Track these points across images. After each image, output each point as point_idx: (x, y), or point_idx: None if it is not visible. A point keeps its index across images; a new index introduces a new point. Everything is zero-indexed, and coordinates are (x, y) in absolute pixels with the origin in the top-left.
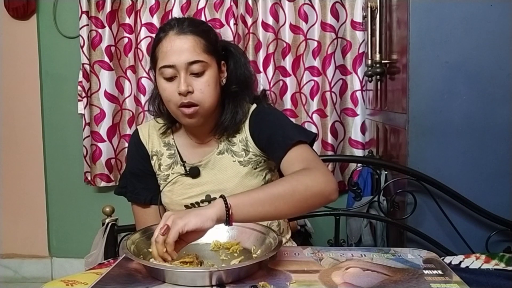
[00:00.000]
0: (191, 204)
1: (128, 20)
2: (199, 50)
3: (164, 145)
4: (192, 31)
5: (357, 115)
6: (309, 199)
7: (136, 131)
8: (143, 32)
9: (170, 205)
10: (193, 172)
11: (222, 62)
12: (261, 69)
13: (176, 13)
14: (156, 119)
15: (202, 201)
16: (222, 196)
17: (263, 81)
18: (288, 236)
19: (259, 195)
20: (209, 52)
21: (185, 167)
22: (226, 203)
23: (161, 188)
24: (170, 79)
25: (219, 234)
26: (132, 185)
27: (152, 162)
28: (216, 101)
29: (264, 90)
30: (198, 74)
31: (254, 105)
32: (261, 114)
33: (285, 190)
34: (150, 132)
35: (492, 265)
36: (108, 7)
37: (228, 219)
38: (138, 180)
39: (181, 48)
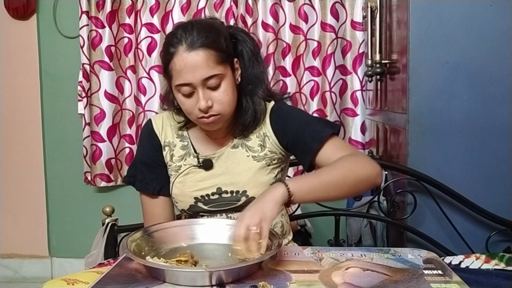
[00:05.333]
0: (201, 196)
1: (128, 20)
2: (213, 64)
3: (178, 136)
4: (202, 45)
5: (357, 115)
6: (359, 185)
7: (150, 121)
8: (143, 32)
9: (179, 196)
10: (206, 164)
11: (235, 60)
12: None
13: (176, 13)
14: (174, 114)
15: (213, 194)
16: (283, 182)
17: None
18: (290, 237)
19: (315, 182)
20: (222, 61)
21: (198, 158)
22: (288, 190)
23: (171, 179)
24: (188, 95)
25: (220, 234)
26: (141, 174)
27: (164, 153)
28: (235, 103)
29: (289, 93)
30: (215, 87)
31: (272, 102)
32: (283, 111)
33: (338, 178)
34: (164, 123)
35: (492, 265)
36: (108, 7)
37: (288, 204)
38: (148, 169)
39: (194, 65)
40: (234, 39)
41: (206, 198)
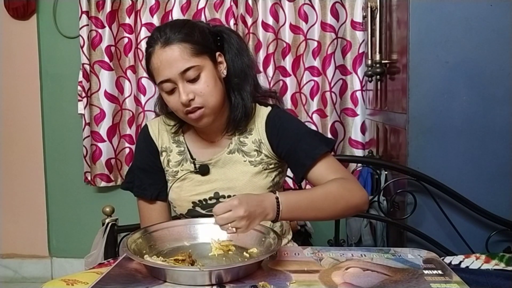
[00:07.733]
0: (199, 201)
1: (128, 20)
2: (187, 56)
3: (174, 141)
4: (174, 40)
5: (357, 115)
6: (347, 211)
7: (146, 126)
8: (143, 32)
9: (177, 201)
10: (203, 170)
11: (218, 53)
12: (261, 69)
13: (176, 13)
14: (165, 118)
15: (210, 198)
16: (275, 197)
17: (263, 81)
18: (290, 237)
19: (306, 204)
20: (198, 53)
21: (194, 164)
22: (278, 207)
23: (169, 184)
24: (171, 92)
25: (219, 233)
26: (139, 180)
27: (161, 158)
28: (221, 96)
29: (275, 92)
30: (195, 79)
31: (269, 108)
32: (279, 119)
33: (329, 204)
34: (160, 128)
35: (492, 265)
36: (108, 7)
37: (275, 219)
38: (146, 175)
39: (169, 60)
40: (220, 37)
41: (204, 202)
